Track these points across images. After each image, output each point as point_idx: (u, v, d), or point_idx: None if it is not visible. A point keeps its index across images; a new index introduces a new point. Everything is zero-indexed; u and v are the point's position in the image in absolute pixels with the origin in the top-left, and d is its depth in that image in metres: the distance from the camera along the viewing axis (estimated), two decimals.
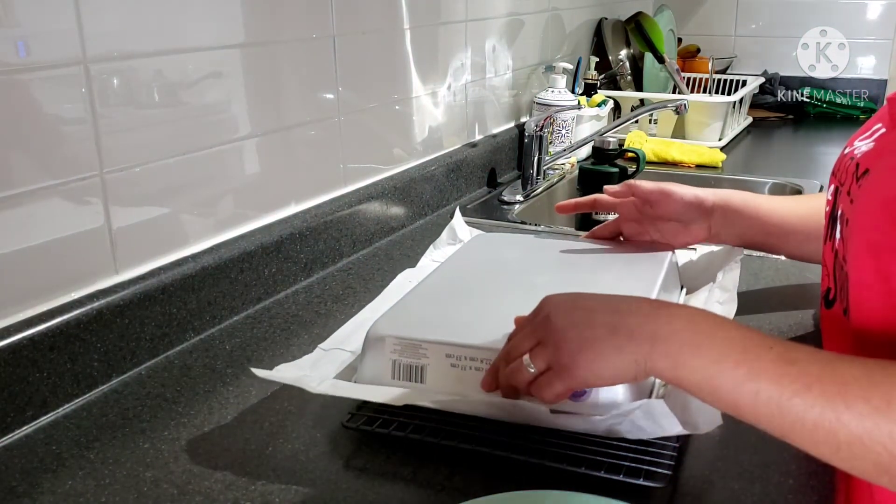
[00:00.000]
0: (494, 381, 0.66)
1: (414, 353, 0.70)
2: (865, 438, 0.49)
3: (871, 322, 0.62)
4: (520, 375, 0.63)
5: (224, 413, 0.74)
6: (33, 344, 0.72)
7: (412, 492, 0.63)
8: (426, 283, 0.84)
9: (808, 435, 0.52)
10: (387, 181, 1.24)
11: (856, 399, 0.50)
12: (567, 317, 0.62)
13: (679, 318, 0.59)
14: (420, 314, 0.76)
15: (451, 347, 0.69)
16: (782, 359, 0.53)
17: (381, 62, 1.22)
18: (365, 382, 0.71)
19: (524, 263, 0.89)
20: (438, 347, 0.69)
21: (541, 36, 1.77)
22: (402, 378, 0.70)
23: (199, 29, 0.90)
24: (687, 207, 0.91)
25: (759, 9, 2.38)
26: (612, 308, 0.62)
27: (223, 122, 0.95)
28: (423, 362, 0.70)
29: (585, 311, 0.62)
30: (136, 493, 0.63)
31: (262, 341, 0.89)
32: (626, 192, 0.94)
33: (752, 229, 0.90)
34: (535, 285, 0.70)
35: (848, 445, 0.50)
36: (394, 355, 0.70)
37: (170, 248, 0.89)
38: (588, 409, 0.65)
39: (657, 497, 0.62)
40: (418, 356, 0.70)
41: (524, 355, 0.63)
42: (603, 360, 0.59)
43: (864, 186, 0.64)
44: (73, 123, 0.77)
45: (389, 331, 0.72)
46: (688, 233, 0.92)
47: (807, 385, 0.51)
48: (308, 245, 1.06)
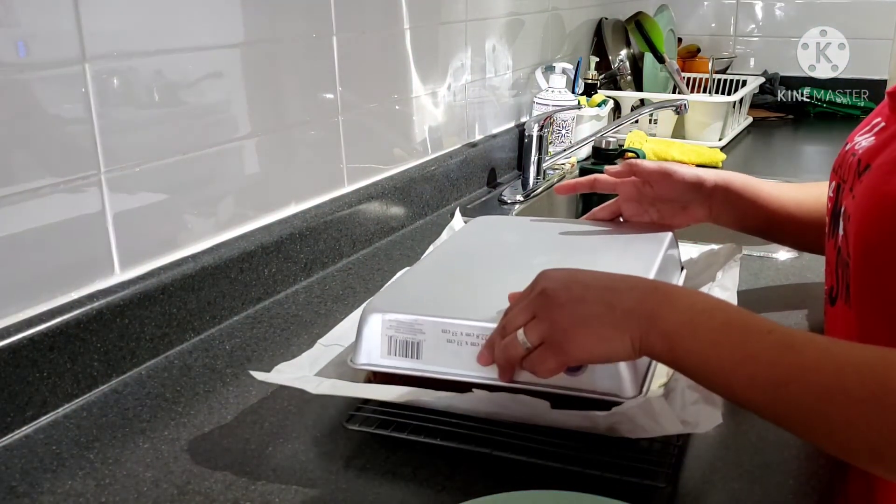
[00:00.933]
0: (490, 355, 0.66)
1: (410, 330, 0.69)
2: (861, 425, 0.49)
3: (875, 319, 0.62)
4: (514, 350, 0.63)
5: (224, 413, 0.74)
6: (33, 344, 0.72)
7: (412, 492, 0.63)
8: (423, 263, 0.84)
9: (803, 420, 0.52)
10: (387, 181, 1.23)
11: (852, 385, 0.49)
12: (562, 292, 0.61)
13: (678, 299, 0.58)
14: (416, 292, 0.76)
15: (447, 323, 0.68)
16: (781, 343, 0.53)
17: (381, 62, 1.22)
18: (360, 360, 0.71)
19: (522, 244, 0.89)
20: (434, 323, 0.69)
21: (541, 36, 1.77)
22: (398, 354, 0.70)
23: (199, 29, 0.90)
24: (687, 188, 0.90)
25: (759, 9, 2.38)
26: (608, 285, 0.61)
27: (223, 121, 0.95)
28: (418, 338, 0.69)
29: (581, 286, 0.61)
30: (135, 493, 0.63)
31: (261, 341, 0.89)
32: (626, 171, 0.92)
33: (751, 212, 0.89)
34: (532, 265, 0.70)
35: (843, 432, 0.50)
36: (390, 331, 0.70)
37: (169, 247, 0.89)
38: (584, 385, 0.64)
39: (657, 497, 0.62)
40: (414, 332, 0.69)
41: (518, 330, 0.62)
42: (597, 337, 0.59)
43: (864, 181, 0.64)
44: (72, 123, 0.77)
45: (385, 307, 0.71)
46: (687, 214, 0.91)
47: (804, 370, 0.51)
48: (308, 245, 1.06)
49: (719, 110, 1.86)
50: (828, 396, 0.50)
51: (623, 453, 0.64)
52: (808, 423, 0.52)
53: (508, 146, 1.62)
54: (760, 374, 0.52)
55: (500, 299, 0.69)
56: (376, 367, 0.71)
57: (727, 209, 0.90)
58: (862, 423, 0.49)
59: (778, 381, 0.52)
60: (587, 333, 0.59)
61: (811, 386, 0.51)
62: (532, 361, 0.62)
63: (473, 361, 0.67)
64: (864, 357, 0.51)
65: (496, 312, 0.68)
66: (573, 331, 0.60)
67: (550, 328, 0.61)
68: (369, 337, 0.71)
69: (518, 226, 0.98)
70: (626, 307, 0.59)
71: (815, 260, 1.06)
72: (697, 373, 0.56)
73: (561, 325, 0.60)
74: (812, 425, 0.51)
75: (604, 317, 0.59)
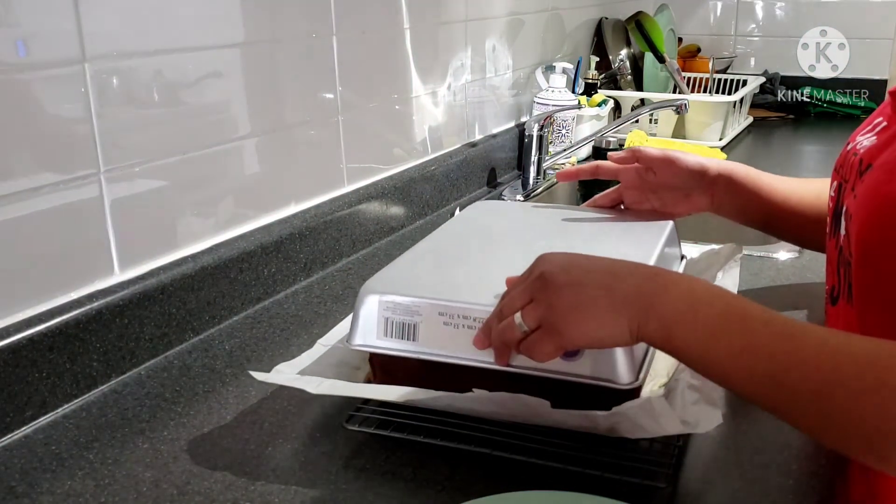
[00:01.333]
0: (487, 338, 0.65)
1: (406, 312, 0.69)
2: (855, 416, 0.49)
3: (877, 319, 0.62)
4: (511, 333, 0.62)
5: (223, 413, 0.74)
6: (33, 344, 0.72)
7: (412, 492, 0.63)
8: (421, 246, 0.84)
9: (800, 411, 0.52)
10: (387, 181, 1.23)
11: (850, 378, 0.49)
12: (561, 275, 0.61)
13: (677, 286, 0.58)
14: (413, 274, 0.76)
15: (444, 306, 0.68)
16: (780, 334, 0.53)
17: (382, 62, 1.22)
18: (356, 341, 0.71)
19: (521, 229, 0.88)
20: (431, 305, 0.68)
21: (541, 36, 1.77)
22: (395, 336, 0.69)
23: (199, 28, 0.89)
24: (690, 176, 0.89)
25: (759, 9, 2.38)
26: (608, 270, 0.61)
27: (223, 121, 0.95)
28: (415, 320, 0.69)
29: (581, 270, 0.61)
30: (135, 494, 0.63)
31: (261, 341, 0.89)
32: (630, 157, 0.92)
33: (753, 203, 0.89)
34: (531, 250, 0.69)
35: (839, 424, 0.50)
36: (386, 313, 0.70)
37: (169, 247, 0.89)
38: (580, 370, 0.64)
39: (657, 497, 0.62)
40: (411, 314, 0.69)
41: (516, 313, 0.62)
42: (595, 321, 0.58)
43: (866, 181, 0.64)
44: (72, 123, 0.77)
45: (382, 289, 0.71)
46: (689, 202, 0.90)
47: (802, 362, 0.51)
48: (308, 245, 1.06)
49: (719, 110, 1.86)
50: (826, 389, 0.50)
51: (623, 453, 0.64)
52: (805, 414, 0.51)
53: (508, 146, 1.62)
54: (758, 366, 0.52)
55: (498, 283, 0.68)
56: (372, 349, 0.70)
57: (729, 199, 0.90)
58: (857, 416, 0.49)
59: (776, 372, 0.52)
60: (585, 317, 0.59)
61: (809, 378, 0.50)
62: (529, 345, 0.61)
63: (470, 344, 0.66)
64: (863, 349, 0.51)
65: (493, 296, 0.67)
66: (571, 314, 0.59)
67: (548, 311, 0.60)
68: (366, 318, 0.70)
69: (518, 211, 0.98)
70: (625, 292, 0.58)
71: (815, 260, 1.06)
72: (695, 361, 0.56)
73: (559, 309, 0.60)
74: (809, 417, 0.51)
75: (602, 301, 0.58)
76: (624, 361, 0.63)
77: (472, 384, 0.65)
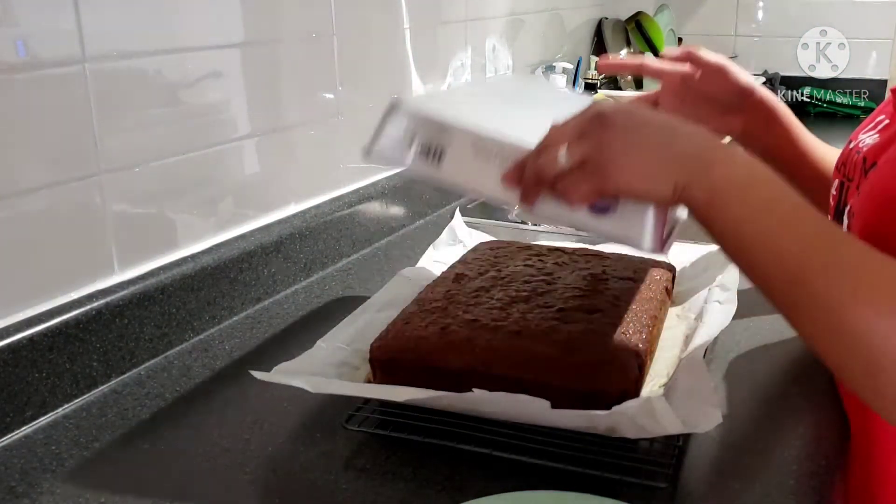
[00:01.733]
0: (518, 175, 0.60)
1: (438, 132, 0.63)
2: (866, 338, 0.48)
3: None
4: (549, 167, 0.58)
5: (224, 413, 0.74)
6: (32, 344, 0.72)
7: (412, 492, 0.63)
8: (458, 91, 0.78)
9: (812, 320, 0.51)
10: (387, 181, 1.23)
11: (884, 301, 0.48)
12: (621, 117, 0.57)
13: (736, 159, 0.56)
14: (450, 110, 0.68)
15: (480, 136, 0.63)
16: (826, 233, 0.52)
17: (382, 61, 1.22)
18: (374, 157, 0.66)
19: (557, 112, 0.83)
20: (466, 133, 0.63)
21: (541, 36, 1.77)
22: (419, 156, 0.64)
23: (199, 28, 0.89)
24: (737, 90, 0.85)
25: (759, 9, 2.38)
26: (670, 125, 0.58)
27: (223, 121, 0.95)
28: (444, 143, 0.63)
29: (642, 118, 0.58)
30: (135, 494, 0.63)
31: (261, 341, 0.89)
32: (684, 56, 0.86)
33: (781, 142, 0.86)
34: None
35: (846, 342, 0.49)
36: (415, 127, 0.64)
37: (169, 248, 0.89)
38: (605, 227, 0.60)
39: (657, 497, 0.62)
40: (441, 136, 0.63)
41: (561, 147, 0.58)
42: (643, 169, 0.56)
43: (871, 178, 0.64)
44: (72, 123, 0.76)
45: (417, 105, 0.66)
46: (722, 120, 0.86)
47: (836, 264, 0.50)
48: (308, 245, 1.06)
49: None
50: (851, 304, 0.48)
51: (623, 453, 0.64)
52: (816, 324, 0.50)
53: None
54: (792, 257, 0.51)
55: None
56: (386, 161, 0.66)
57: (762, 129, 0.86)
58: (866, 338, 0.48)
59: (803, 272, 0.50)
60: (634, 164, 0.56)
61: (835, 289, 0.49)
62: (565, 182, 0.57)
63: (496, 180, 0.61)
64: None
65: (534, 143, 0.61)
66: (621, 157, 0.56)
67: (597, 149, 0.57)
68: (392, 129, 0.65)
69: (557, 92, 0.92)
70: (683, 150, 0.56)
71: None
72: (728, 236, 0.54)
73: (610, 149, 0.56)
74: (819, 328, 0.50)
75: (657, 153, 0.56)
76: (651, 228, 0.59)
77: (473, 384, 0.65)
